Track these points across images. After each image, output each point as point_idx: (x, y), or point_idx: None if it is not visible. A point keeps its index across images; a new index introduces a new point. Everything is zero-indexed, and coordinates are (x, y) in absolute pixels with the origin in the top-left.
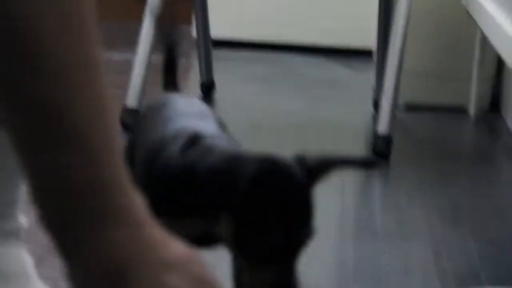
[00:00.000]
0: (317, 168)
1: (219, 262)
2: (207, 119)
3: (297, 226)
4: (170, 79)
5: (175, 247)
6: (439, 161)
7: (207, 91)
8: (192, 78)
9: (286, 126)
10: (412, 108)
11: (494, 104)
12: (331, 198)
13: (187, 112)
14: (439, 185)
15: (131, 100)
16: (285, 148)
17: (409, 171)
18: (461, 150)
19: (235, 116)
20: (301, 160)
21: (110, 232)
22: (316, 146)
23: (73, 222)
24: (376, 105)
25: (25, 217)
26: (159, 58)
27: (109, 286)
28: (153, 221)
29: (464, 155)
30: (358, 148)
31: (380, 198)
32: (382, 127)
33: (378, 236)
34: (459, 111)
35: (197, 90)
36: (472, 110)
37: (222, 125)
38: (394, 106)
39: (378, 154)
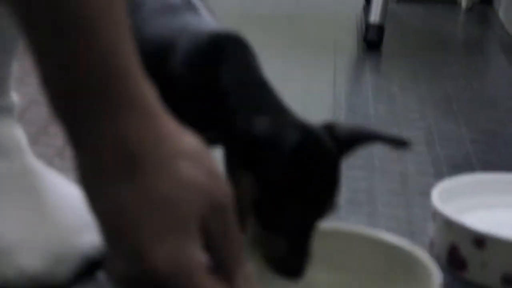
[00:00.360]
0: (347, 141)
1: None
2: (199, 10)
3: (321, 203)
4: None
5: (188, 139)
6: (431, 51)
7: None
8: None
9: (277, 15)
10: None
11: None
12: (323, 87)
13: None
14: (431, 75)
15: None
16: (276, 37)
17: (401, 61)
18: (452, 41)
19: (224, 5)
20: (330, 129)
21: (124, 120)
22: (308, 35)
23: (87, 111)
24: None
25: (17, 95)
26: None
27: (123, 175)
28: (167, 113)
29: (456, 46)
30: (351, 37)
31: (372, 87)
32: (374, 16)
33: (371, 123)
34: (451, 2)
35: None
36: (463, 1)
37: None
38: None
39: (370, 43)
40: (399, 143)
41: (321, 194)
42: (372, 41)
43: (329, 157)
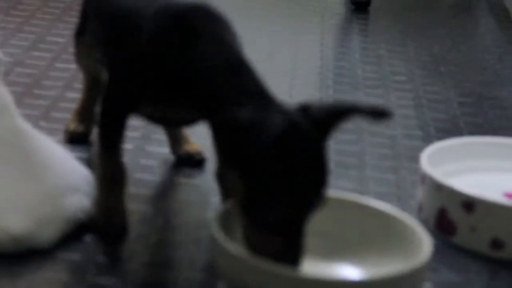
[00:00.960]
0: (325, 121)
1: None
2: None
3: (310, 195)
4: None
5: None
6: (418, 13)
7: None
8: None
9: None
10: None
11: None
12: (310, 49)
13: None
14: (418, 37)
15: None
16: (263, 4)
17: (389, 23)
18: (440, 2)
19: None
20: (307, 111)
21: None
22: None
23: None
24: None
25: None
26: None
27: None
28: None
29: (444, 7)
30: None
31: (360, 50)
32: None
33: (359, 86)
34: None
35: None
36: None
37: None
38: None
39: (358, 4)
40: (379, 115)
41: (309, 184)
42: (360, 2)
43: (314, 144)
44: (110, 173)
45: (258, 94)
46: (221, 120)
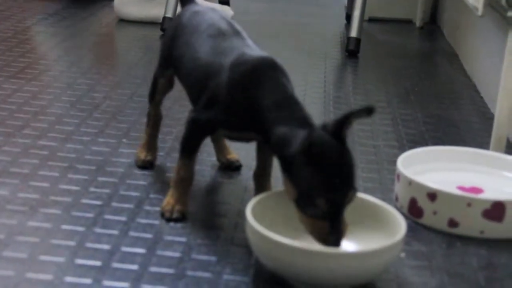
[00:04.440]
0: (337, 130)
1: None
2: (242, 35)
3: (341, 188)
4: None
5: None
6: (395, 58)
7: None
8: None
9: (282, 32)
10: (374, 20)
11: (433, 18)
12: (316, 84)
13: (222, 25)
14: (394, 76)
15: (168, 11)
16: (282, 47)
17: (373, 65)
18: (410, 51)
19: (242, 26)
20: (325, 127)
21: None
22: (305, 46)
23: None
24: (348, 18)
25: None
26: None
27: None
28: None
29: (413, 54)
30: (336, 47)
31: (352, 84)
32: (353, 32)
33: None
34: (408, 22)
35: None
36: (417, 22)
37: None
38: (362, 18)
39: (350, 52)
40: (368, 111)
41: (342, 182)
42: (352, 50)
43: (339, 150)
44: (183, 174)
45: (300, 119)
46: (273, 138)
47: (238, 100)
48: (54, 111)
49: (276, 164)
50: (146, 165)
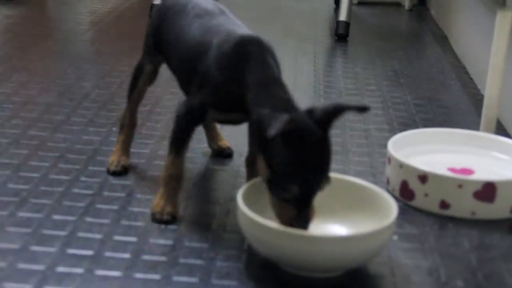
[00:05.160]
0: (325, 119)
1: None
2: (228, 15)
3: (315, 175)
4: None
5: None
6: (384, 41)
7: None
8: None
9: (273, 18)
10: (363, 3)
11: (422, 0)
12: (306, 69)
13: (210, 9)
14: (384, 58)
15: None
16: (273, 32)
17: (362, 48)
18: (399, 33)
19: (232, 11)
20: (311, 112)
21: None
22: (296, 31)
23: None
24: (337, 1)
25: None
26: None
27: None
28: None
29: (402, 37)
30: (325, 31)
31: (342, 67)
32: (342, 15)
33: (342, 94)
34: (397, 5)
35: None
36: (406, 4)
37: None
38: (351, 1)
39: (339, 36)
40: (361, 109)
41: (314, 168)
42: (341, 34)
43: (317, 136)
44: (173, 172)
45: (284, 101)
46: (254, 117)
47: (225, 78)
48: (43, 101)
49: None
50: (120, 170)
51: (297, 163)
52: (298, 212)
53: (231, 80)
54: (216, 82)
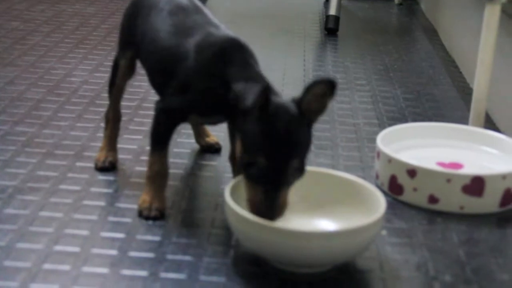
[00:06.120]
0: (309, 109)
1: None
2: (204, 11)
3: (286, 153)
4: None
5: None
6: (374, 35)
7: None
8: None
9: (262, 13)
10: None
11: None
12: (296, 63)
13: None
14: (374, 52)
15: None
16: (262, 28)
17: (352, 42)
18: (389, 27)
19: (221, 8)
20: (297, 102)
21: None
22: (285, 26)
23: None
24: None
25: None
26: None
27: None
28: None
29: (392, 31)
30: (315, 26)
31: (332, 62)
32: (332, 10)
33: None
34: None
35: None
36: None
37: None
38: None
39: (329, 30)
40: (329, 83)
41: (286, 144)
42: (331, 28)
43: (292, 118)
44: (157, 169)
45: (261, 79)
46: (232, 94)
47: (208, 85)
48: (31, 97)
49: None
50: (107, 166)
51: (267, 136)
52: (266, 196)
53: (214, 87)
54: (198, 90)
